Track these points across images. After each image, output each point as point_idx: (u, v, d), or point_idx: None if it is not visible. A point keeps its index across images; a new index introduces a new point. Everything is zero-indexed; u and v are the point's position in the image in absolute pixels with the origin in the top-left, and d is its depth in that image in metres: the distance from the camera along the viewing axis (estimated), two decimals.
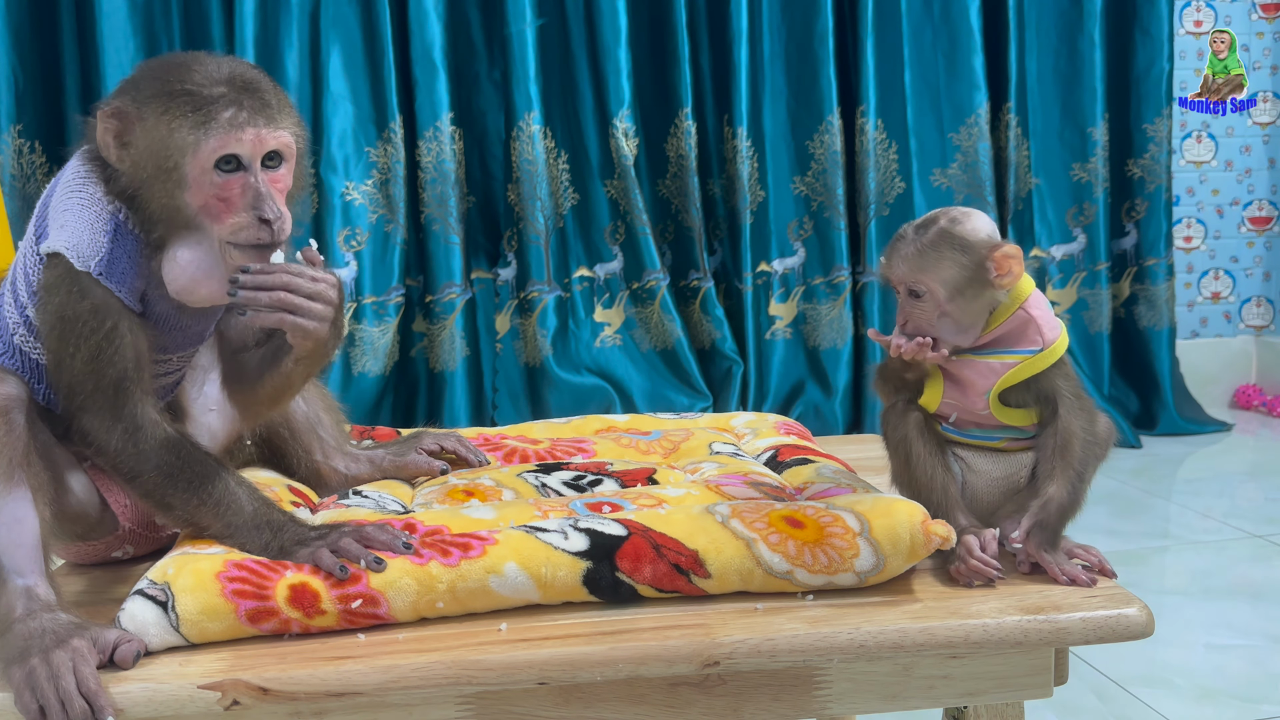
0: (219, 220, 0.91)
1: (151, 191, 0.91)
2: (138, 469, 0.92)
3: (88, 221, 0.91)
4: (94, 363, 0.90)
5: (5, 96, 2.54)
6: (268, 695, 0.82)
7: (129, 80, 0.94)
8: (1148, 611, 0.92)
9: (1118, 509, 2.44)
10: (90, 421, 0.91)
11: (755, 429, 1.37)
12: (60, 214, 0.92)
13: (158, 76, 0.92)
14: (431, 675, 0.83)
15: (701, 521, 0.95)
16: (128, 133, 0.91)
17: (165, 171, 0.90)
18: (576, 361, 2.89)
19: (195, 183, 0.90)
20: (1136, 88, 3.13)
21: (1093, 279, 3.15)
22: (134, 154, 0.91)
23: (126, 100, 0.91)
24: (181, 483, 0.92)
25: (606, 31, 2.80)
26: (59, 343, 0.91)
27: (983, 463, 1.05)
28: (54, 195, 0.95)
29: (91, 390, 0.91)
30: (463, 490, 1.12)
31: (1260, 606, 1.90)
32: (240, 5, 2.60)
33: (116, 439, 0.91)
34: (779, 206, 2.98)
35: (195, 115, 0.89)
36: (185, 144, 0.89)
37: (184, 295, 0.95)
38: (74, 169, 0.95)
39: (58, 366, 0.91)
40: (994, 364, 1.01)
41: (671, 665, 0.86)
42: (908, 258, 1.01)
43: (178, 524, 0.97)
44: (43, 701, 0.79)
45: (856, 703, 0.92)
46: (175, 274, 0.93)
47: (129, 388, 0.91)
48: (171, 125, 0.89)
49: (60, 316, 0.90)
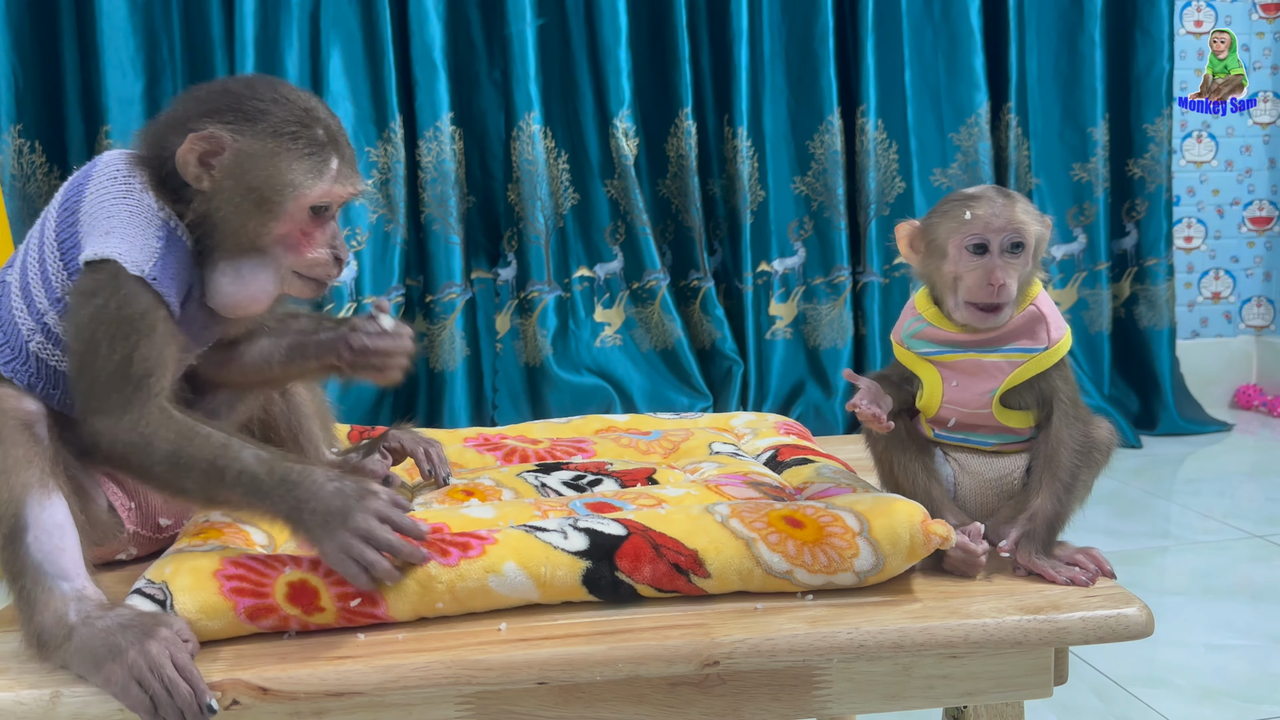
0: (296, 252, 0.96)
1: (230, 213, 0.93)
2: (147, 463, 0.91)
3: (139, 227, 0.92)
4: (125, 365, 0.90)
5: (5, 96, 2.54)
6: (267, 695, 0.82)
7: (209, 102, 0.95)
8: (1148, 611, 0.92)
9: (1118, 509, 2.44)
10: (102, 422, 0.91)
11: (755, 429, 1.37)
12: (104, 220, 0.92)
13: (257, 108, 0.94)
14: (431, 675, 0.83)
15: (701, 521, 0.95)
16: (215, 156, 0.93)
17: (261, 202, 0.93)
18: (576, 361, 2.89)
19: (288, 218, 0.95)
20: (1137, 88, 3.13)
21: (1093, 279, 3.15)
22: (219, 177, 0.93)
23: (220, 126, 0.93)
24: (192, 466, 0.91)
25: (607, 31, 2.80)
26: (89, 346, 0.90)
27: (976, 464, 1.05)
28: (88, 201, 0.94)
29: (112, 391, 0.91)
30: (462, 490, 1.13)
31: (1260, 606, 1.90)
32: (240, 5, 2.60)
33: (125, 434, 0.91)
34: (779, 206, 2.98)
35: (309, 160, 0.94)
36: (294, 184, 0.94)
37: (229, 306, 0.97)
38: (111, 175, 0.95)
39: (81, 370, 0.91)
40: (1001, 362, 1.01)
41: (671, 665, 0.86)
42: (1011, 207, 0.99)
43: (197, 505, 0.98)
44: (152, 693, 0.80)
45: (856, 703, 0.92)
46: (231, 288, 0.96)
47: (150, 386, 0.91)
48: (280, 164, 0.93)
49: (98, 320, 0.90)
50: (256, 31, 2.62)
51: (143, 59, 2.63)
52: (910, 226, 1.05)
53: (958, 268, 1.00)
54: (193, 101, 0.96)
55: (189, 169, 0.93)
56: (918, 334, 1.04)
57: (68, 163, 2.66)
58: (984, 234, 0.98)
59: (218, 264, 0.95)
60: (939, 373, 1.03)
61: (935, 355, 1.03)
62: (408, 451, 1.20)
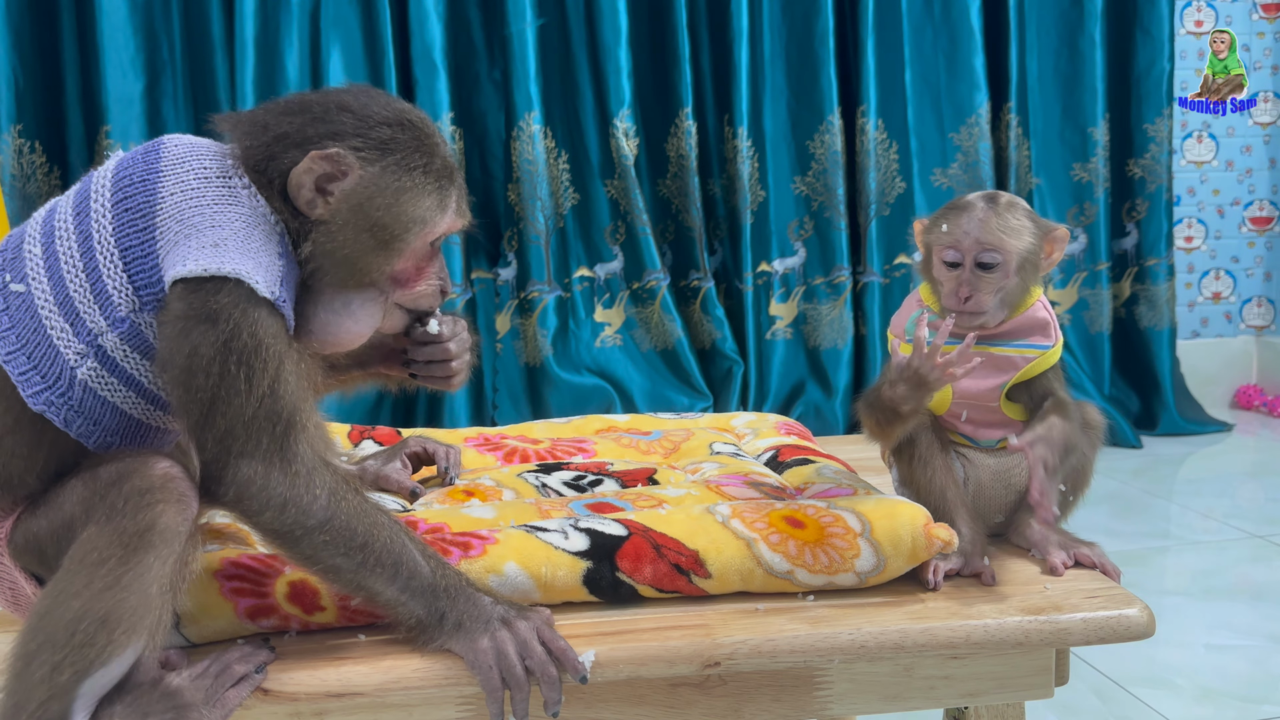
0: (405, 285, 0.90)
1: (346, 244, 0.84)
2: (303, 522, 0.80)
3: (258, 241, 0.81)
4: (272, 402, 0.79)
5: (5, 96, 2.54)
6: (268, 695, 0.82)
7: (329, 121, 0.85)
8: (1149, 612, 0.92)
9: (1118, 509, 2.44)
10: (251, 469, 0.79)
11: (756, 429, 1.37)
12: (208, 230, 0.80)
13: (384, 136, 0.86)
14: (431, 675, 0.83)
15: (702, 521, 0.95)
16: (333, 181, 0.84)
17: (384, 238, 0.85)
18: (577, 361, 2.89)
19: (412, 253, 0.89)
20: (1137, 87, 3.13)
21: (1093, 279, 3.15)
22: (336, 204, 0.84)
23: (342, 147, 0.84)
24: (351, 538, 0.80)
25: (607, 31, 2.80)
26: (222, 382, 0.78)
27: (983, 459, 1.06)
28: (169, 203, 0.81)
29: (261, 434, 0.79)
30: (463, 490, 1.12)
31: (1261, 607, 1.90)
32: (240, 5, 2.59)
33: (283, 487, 0.79)
34: (779, 206, 2.98)
35: (434, 196, 0.88)
36: (421, 220, 0.87)
37: (328, 341, 0.89)
38: (200, 173, 0.83)
39: (214, 410, 0.78)
40: (1014, 356, 1.03)
41: (672, 666, 0.86)
42: (987, 224, 0.99)
43: (343, 588, 0.84)
44: None
45: (857, 703, 0.92)
46: (336, 322, 0.87)
47: (299, 424, 0.81)
48: (407, 199, 0.86)
49: (229, 351, 0.78)
50: (256, 31, 2.62)
51: (143, 59, 2.63)
52: (919, 225, 1.07)
53: (938, 274, 1.03)
54: (306, 116, 0.85)
55: (303, 191, 0.83)
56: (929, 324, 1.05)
57: (68, 162, 2.65)
58: (956, 249, 1.00)
59: (322, 294, 0.86)
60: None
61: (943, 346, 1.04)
62: (432, 455, 1.18)
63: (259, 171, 0.84)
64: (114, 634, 0.74)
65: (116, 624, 0.74)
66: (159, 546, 0.76)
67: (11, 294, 0.83)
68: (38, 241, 0.84)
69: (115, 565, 0.74)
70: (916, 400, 0.97)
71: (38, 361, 0.81)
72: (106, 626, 0.74)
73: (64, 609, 0.74)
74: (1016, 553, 1.04)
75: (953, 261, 1.00)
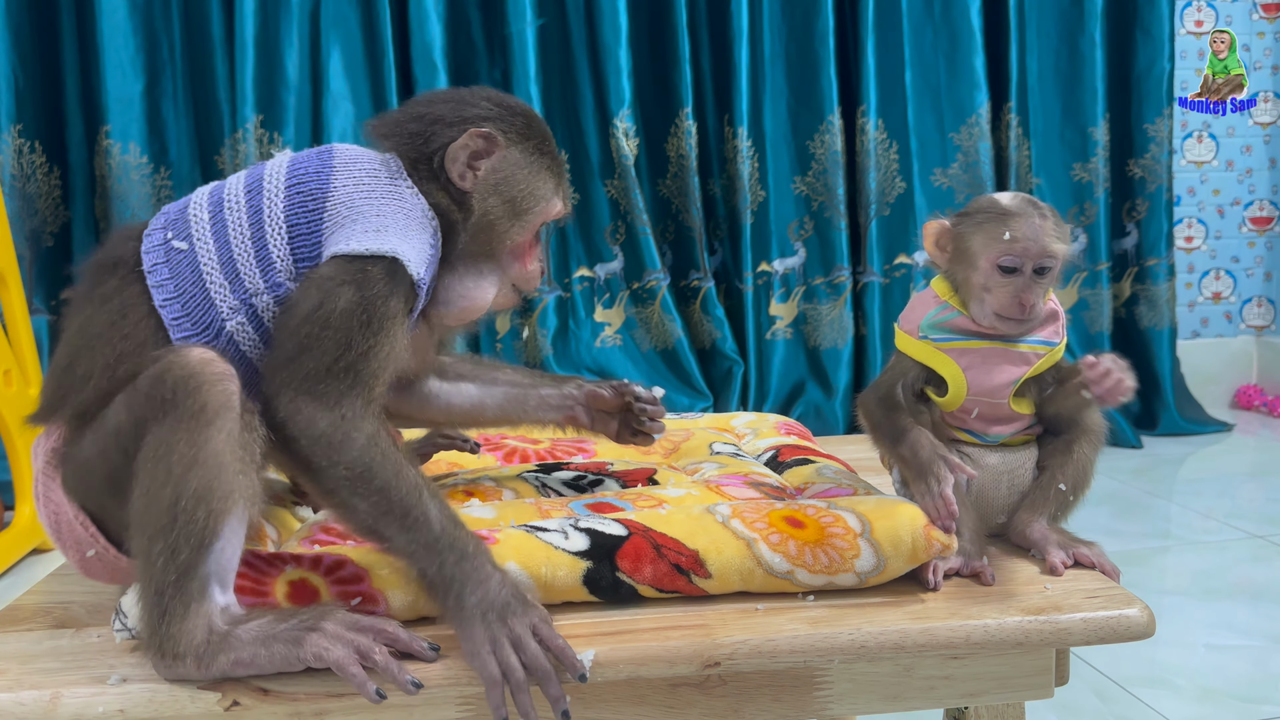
0: (521, 263, 1.00)
1: (486, 215, 0.96)
2: (335, 459, 0.84)
3: (415, 231, 0.91)
4: (362, 359, 0.85)
5: (5, 96, 2.54)
6: (268, 696, 0.82)
7: (477, 107, 0.97)
8: (1149, 612, 0.92)
9: (1118, 509, 2.44)
10: (307, 406, 0.84)
11: (756, 429, 1.37)
12: (373, 217, 0.89)
13: (523, 122, 0.98)
14: (431, 675, 0.83)
15: (702, 521, 0.95)
16: (484, 157, 0.95)
17: (516, 210, 0.97)
18: (577, 361, 2.89)
19: (530, 230, 0.98)
20: (1137, 87, 3.13)
21: (1093, 279, 3.15)
22: (482, 177, 0.95)
23: (494, 127, 0.96)
24: (374, 484, 0.84)
25: (607, 31, 2.80)
26: (335, 330, 0.85)
27: (987, 457, 1.06)
28: (340, 192, 0.90)
29: (335, 379, 0.85)
30: (463, 490, 1.12)
31: (1261, 607, 1.90)
32: (240, 5, 2.60)
33: (324, 424, 0.84)
34: (779, 206, 2.98)
35: (555, 180, 1.00)
36: (545, 198, 0.99)
37: (458, 312, 0.98)
38: (369, 170, 0.92)
39: (306, 349, 0.85)
40: (1026, 352, 1.03)
41: (672, 666, 0.85)
42: (1047, 231, 1.00)
43: (356, 530, 0.87)
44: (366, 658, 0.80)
45: (857, 703, 0.92)
46: (473, 294, 0.97)
47: (373, 388, 0.86)
48: (536, 177, 0.98)
49: (357, 307, 0.85)
50: (256, 31, 2.62)
51: (143, 59, 2.63)
52: (939, 226, 1.05)
53: (987, 281, 1.01)
54: (457, 102, 0.97)
55: (457, 164, 0.94)
56: (943, 323, 1.04)
57: (68, 162, 2.65)
58: (1019, 257, 0.99)
59: (456, 267, 0.95)
60: (957, 363, 1.04)
61: (958, 342, 1.03)
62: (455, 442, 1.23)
63: (415, 156, 0.94)
64: (212, 504, 0.79)
65: (210, 495, 0.79)
66: (219, 420, 0.81)
67: (173, 250, 0.91)
68: (204, 209, 0.92)
69: (185, 448, 0.79)
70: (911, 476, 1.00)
71: (190, 310, 0.89)
72: (204, 501, 0.79)
73: (157, 501, 0.79)
74: (1016, 553, 1.04)
75: (1011, 267, 1.00)
